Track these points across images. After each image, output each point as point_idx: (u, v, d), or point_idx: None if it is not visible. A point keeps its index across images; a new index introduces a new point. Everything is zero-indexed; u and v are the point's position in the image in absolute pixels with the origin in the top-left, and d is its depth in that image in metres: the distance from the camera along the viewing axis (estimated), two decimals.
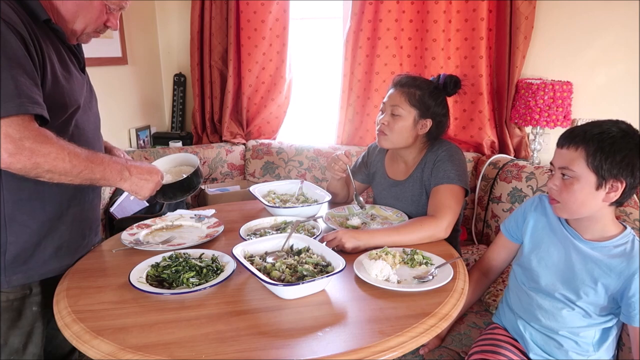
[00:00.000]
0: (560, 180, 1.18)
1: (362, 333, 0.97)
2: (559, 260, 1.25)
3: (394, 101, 1.60)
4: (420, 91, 1.58)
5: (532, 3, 2.09)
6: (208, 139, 2.73)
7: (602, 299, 1.18)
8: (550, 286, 1.26)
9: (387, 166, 1.77)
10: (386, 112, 1.62)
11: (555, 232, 1.28)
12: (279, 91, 2.61)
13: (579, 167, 1.13)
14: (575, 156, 1.14)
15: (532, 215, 1.35)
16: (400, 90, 1.60)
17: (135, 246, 1.36)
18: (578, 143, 1.14)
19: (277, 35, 2.53)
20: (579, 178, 1.14)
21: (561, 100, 2.04)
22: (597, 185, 1.13)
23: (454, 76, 1.62)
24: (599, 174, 1.12)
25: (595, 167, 1.12)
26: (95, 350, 0.93)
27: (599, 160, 1.11)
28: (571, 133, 1.17)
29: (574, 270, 1.22)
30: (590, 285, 1.19)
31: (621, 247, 1.18)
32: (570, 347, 1.24)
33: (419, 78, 1.64)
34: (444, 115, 1.63)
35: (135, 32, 2.58)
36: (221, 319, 1.02)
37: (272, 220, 1.55)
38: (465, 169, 1.59)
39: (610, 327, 1.23)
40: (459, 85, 1.62)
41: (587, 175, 1.13)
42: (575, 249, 1.23)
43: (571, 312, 1.23)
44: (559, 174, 1.19)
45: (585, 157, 1.12)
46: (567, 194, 1.16)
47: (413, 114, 1.58)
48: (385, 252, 1.27)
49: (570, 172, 1.15)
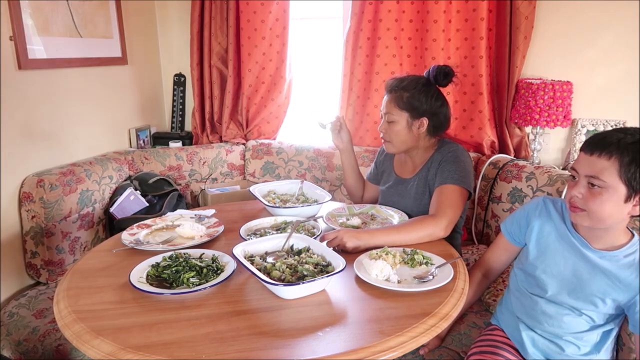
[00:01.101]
0: (586, 189, 1.11)
1: (362, 333, 0.97)
2: (565, 269, 1.22)
3: (386, 108, 1.65)
4: (408, 92, 1.60)
5: (532, 3, 2.09)
6: (208, 139, 2.72)
7: (610, 309, 1.18)
8: (557, 296, 1.23)
9: (395, 164, 1.80)
10: (383, 119, 1.66)
11: (562, 239, 1.24)
12: (279, 91, 2.60)
13: (610, 178, 1.07)
14: (607, 165, 1.07)
15: (536, 221, 1.30)
16: (389, 95, 1.64)
17: (135, 246, 1.36)
18: (611, 152, 1.06)
19: (277, 35, 2.53)
20: (608, 188, 1.07)
21: (561, 100, 2.04)
22: (627, 198, 1.07)
23: (443, 66, 1.60)
24: (630, 185, 1.06)
25: (627, 179, 1.05)
26: (95, 350, 0.93)
27: (633, 172, 1.05)
28: (603, 140, 1.09)
29: (582, 280, 1.19)
30: (598, 295, 1.17)
31: (630, 256, 1.15)
32: (572, 352, 1.23)
33: (407, 78, 1.64)
34: (440, 107, 1.62)
35: (135, 32, 2.58)
36: (221, 319, 1.02)
37: (272, 220, 1.55)
38: (470, 172, 1.59)
39: (611, 329, 1.23)
40: (450, 75, 1.61)
41: (617, 186, 1.07)
42: (583, 258, 1.19)
43: (576, 318, 1.21)
44: (584, 182, 1.11)
45: (619, 168, 1.06)
46: (594, 204, 1.09)
47: (405, 117, 1.60)
48: (385, 252, 1.27)
49: (599, 181, 1.08)
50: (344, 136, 1.85)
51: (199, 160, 2.51)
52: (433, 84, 1.62)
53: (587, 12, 2.10)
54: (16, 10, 1.84)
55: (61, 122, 2.10)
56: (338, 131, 1.84)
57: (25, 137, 1.92)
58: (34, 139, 1.95)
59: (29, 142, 1.93)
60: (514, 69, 2.16)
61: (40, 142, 1.99)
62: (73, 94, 2.15)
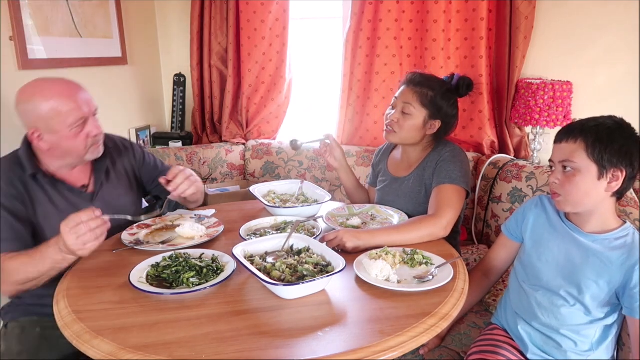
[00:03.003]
0: (561, 174, 1.20)
1: (362, 333, 0.97)
2: (559, 254, 1.26)
3: (406, 98, 1.60)
4: (433, 92, 1.59)
5: (532, 3, 2.09)
6: (208, 139, 2.73)
7: (604, 292, 1.19)
8: (552, 282, 1.26)
9: (390, 163, 1.79)
10: (397, 109, 1.62)
11: (555, 228, 1.29)
12: (279, 91, 2.60)
13: (579, 159, 1.16)
14: (575, 148, 1.17)
15: (532, 214, 1.36)
16: (413, 89, 1.60)
17: (135, 246, 1.36)
18: (576, 136, 1.18)
19: (277, 35, 2.53)
20: (581, 169, 1.16)
21: (561, 100, 2.04)
22: (599, 175, 1.15)
23: (467, 78, 1.63)
24: (599, 163, 1.15)
25: (595, 157, 1.15)
26: (95, 350, 0.93)
27: (599, 150, 1.14)
28: (568, 128, 1.22)
29: (575, 264, 1.22)
30: (592, 278, 1.19)
31: (621, 239, 1.19)
32: (570, 348, 1.24)
33: (433, 78, 1.64)
34: (454, 116, 1.64)
35: (135, 32, 2.58)
36: (221, 318, 1.02)
37: (272, 220, 1.55)
38: (468, 171, 1.59)
39: (611, 326, 1.23)
40: (471, 87, 1.64)
41: (588, 165, 1.16)
42: (575, 242, 1.24)
43: (571, 309, 1.23)
44: (559, 167, 1.21)
45: (585, 148, 1.16)
46: (569, 186, 1.18)
47: (424, 114, 1.59)
48: (385, 252, 1.27)
49: (571, 164, 1.17)
50: (337, 154, 1.78)
51: (198, 160, 2.51)
52: (454, 92, 1.63)
53: (587, 12, 2.10)
54: (16, 10, 1.84)
55: None
56: (330, 152, 1.78)
57: None
58: None
59: None
60: (514, 69, 2.16)
61: None
62: None
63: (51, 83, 1.35)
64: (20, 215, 1.34)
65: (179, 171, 1.46)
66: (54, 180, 1.41)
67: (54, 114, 1.30)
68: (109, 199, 1.51)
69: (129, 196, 1.61)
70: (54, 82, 1.35)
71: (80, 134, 1.36)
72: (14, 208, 1.33)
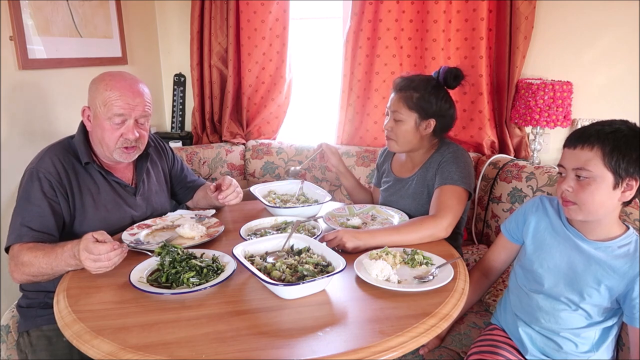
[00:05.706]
0: (575, 182, 1.15)
1: (363, 333, 0.97)
2: (561, 261, 1.24)
3: (394, 106, 1.62)
4: (418, 93, 1.58)
5: (532, 3, 2.09)
6: (208, 139, 2.72)
7: (605, 300, 1.18)
8: (553, 288, 1.25)
9: (393, 164, 1.80)
10: (390, 117, 1.63)
11: (558, 233, 1.27)
12: (279, 91, 2.60)
13: (595, 167, 1.11)
14: (591, 156, 1.12)
15: (533, 217, 1.33)
16: (398, 94, 1.61)
17: (136, 246, 1.36)
18: (593, 142, 1.12)
19: (277, 35, 2.53)
20: (596, 178, 1.12)
21: (561, 100, 2.04)
22: (614, 185, 1.12)
23: (454, 69, 1.61)
24: (616, 172, 1.10)
25: (612, 166, 1.10)
26: (95, 350, 0.93)
27: (617, 159, 1.10)
28: (583, 133, 1.15)
29: (577, 271, 1.21)
30: (594, 286, 1.18)
31: (624, 247, 1.17)
32: (570, 349, 1.24)
33: (417, 78, 1.63)
34: (448, 109, 1.62)
35: (135, 32, 2.58)
36: (221, 319, 1.02)
37: (272, 220, 1.55)
38: (470, 172, 1.59)
39: (611, 327, 1.23)
40: (460, 77, 1.62)
41: (604, 174, 1.11)
42: (578, 249, 1.22)
43: (572, 313, 1.22)
44: (573, 175, 1.16)
45: (602, 157, 1.11)
46: (584, 195, 1.14)
47: (414, 117, 1.59)
48: (385, 252, 1.27)
49: (586, 172, 1.13)
50: (333, 162, 1.83)
51: (199, 160, 2.51)
52: (442, 85, 1.62)
53: (587, 12, 2.10)
54: (16, 10, 1.84)
55: (61, 122, 2.09)
56: (327, 159, 1.83)
57: (25, 137, 1.92)
58: (34, 139, 1.95)
59: (29, 142, 1.93)
60: (514, 69, 2.16)
61: (40, 142, 1.98)
62: (73, 94, 2.15)
63: (119, 77, 1.46)
64: (57, 208, 1.39)
65: (231, 183, 1.58)
66: (106, 171, 1.50)
67: (102, 101, 1.41)
68: (148, 195, 1.62)
69: (164, 195, 1.71)
70: (121, 78, 1.46)
71: (115, 131, 1.43)
72: (53, 199, 1.38)
